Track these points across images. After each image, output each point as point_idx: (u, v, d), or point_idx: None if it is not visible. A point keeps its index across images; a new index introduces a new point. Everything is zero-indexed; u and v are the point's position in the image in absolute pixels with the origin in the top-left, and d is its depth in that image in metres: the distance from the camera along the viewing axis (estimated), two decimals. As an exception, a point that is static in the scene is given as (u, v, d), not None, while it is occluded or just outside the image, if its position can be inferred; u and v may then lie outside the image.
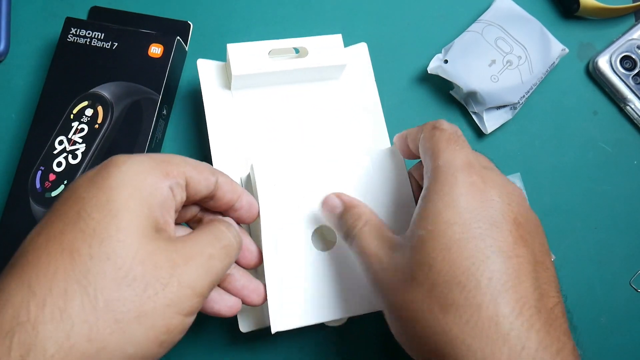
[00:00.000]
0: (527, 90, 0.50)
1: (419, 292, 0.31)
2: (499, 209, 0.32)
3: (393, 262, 0.34)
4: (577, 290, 0.49)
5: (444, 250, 0.31)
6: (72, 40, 0.48)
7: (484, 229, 0.31)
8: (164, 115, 0.49)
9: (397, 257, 0.34)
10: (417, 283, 0.31)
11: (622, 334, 0.48)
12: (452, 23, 0.53)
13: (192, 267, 0.30)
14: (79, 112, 0.47)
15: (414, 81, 0.52)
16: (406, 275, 0.32)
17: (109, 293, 0.27)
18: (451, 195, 0.32)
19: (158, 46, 0.48)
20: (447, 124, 0.37)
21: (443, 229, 0.31)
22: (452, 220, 0.31)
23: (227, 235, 0.34)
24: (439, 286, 0.30)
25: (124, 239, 0.28)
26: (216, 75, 0.48)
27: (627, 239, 0.50)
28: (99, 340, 0.26)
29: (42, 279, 0.26)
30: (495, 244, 0.30)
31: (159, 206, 0.31)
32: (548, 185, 0.51)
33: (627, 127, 0.52)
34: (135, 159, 0.31)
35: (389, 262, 0.34)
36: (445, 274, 0.30)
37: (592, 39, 0.53)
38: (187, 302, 0.30)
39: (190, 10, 0.53)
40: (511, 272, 0.30)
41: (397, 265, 0.33)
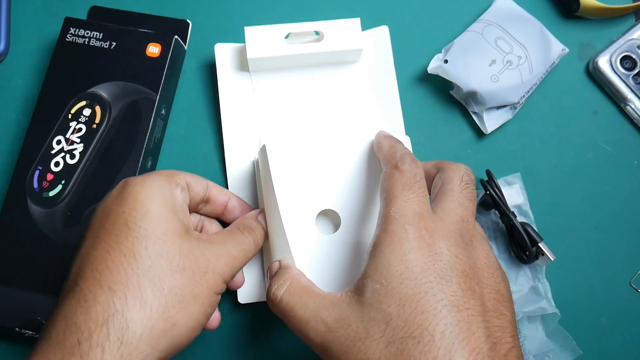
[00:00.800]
0: (527, 90, 0.49)
1: (375, 349, 0.31)
2: (447, 262, 0.33)
3: (342, 320, 0.33)
4: (577, 290, 0.49)
5: (399, 307, 0.31)
6: (70, 40, 0.48)
7: (434, 284, 0.32)
8: (162, 115, 0.48)
9: (346, 314, 0.33)
10: (372, 340, 0.31)
11: (622, 334, 0.48)
12: (452, 23, 0.53)
13: (222, 262, 0.37)
14: (77, 111, 0.46)
15: (414, 81, 0.52)
16: (359, 333, 0.32)
17: (170, 281, 0.34)
18: (401, 249, 0.33)
19: (156, 45, 0.48)
20: (409, 164, 0.37)
21: (396, 285, 0.32)
22: (404, 275, 0.32)
23: (246, 242, 0.40)
24: (396, 342, 0.31)
25: (169, 239, 0.35)
26: (232, 57, 0.49)
27: (627, 239, 0.50)
28: (171, 318, 0.33)
29: (117, 279, 0.33)
30: (445, 298, 0.31)
31: (181, 211, 0.38)
32: (548, 185, 0.50)
33: (627, 127, 0.52)
34: (150, 177, 0.38)
35: (336, 321, 0.33)
36: (401, 330, 0.31)
37: (592, 39, 0.53)
38: (220, 286, 0.37)
39: (189, 10, 0.53)
40: (462, 325, 0.31)
41: (347, 323, 0.33)
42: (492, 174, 0.48)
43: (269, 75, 0.49)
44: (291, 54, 0.47)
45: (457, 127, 0.51)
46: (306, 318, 0.35)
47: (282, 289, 0.37)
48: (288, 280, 0.37)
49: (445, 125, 0.51)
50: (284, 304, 0.36)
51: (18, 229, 0.45)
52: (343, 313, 0.33)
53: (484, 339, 0.31)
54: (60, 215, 0.45)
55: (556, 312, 0.47)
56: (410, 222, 0.34)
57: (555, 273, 0.49)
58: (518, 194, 0.49)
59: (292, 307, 0.36)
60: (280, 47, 0.46)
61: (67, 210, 0.45)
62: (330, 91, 0.49)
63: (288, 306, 0.36)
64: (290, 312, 0.36)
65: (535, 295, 0.47)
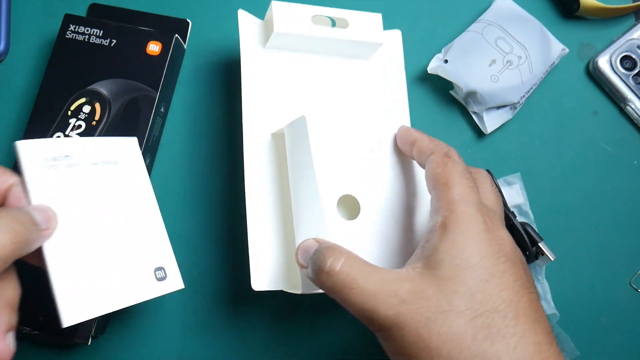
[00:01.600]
0: (527, 90, 0.49)
1: (460, 322, 0.31)
2: (510, 248, 0.34)
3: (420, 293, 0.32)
4: (577, 290, 0.49)
5: (481, 282, 0.32)
6: (70, 37, 0.48)
7: (508, 265, 0.33)
8: (161, 112, 0.49)
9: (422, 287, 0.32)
10: (456, 313, 0.31)
11: (622, 334, 0.48)
12: (452, 23, 0.53)
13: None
14: (76, 108, 0.47)
15: (414, 81, 0.52)
16: (441, 306, 0.32)
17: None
18: (475, 229, 0.34)
19: (156, 44, 0.48)
20: (458, 156, 0.38)
21: (476, 261, 0.33)
22: (482, 253, 0.33)
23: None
24: (482, 316, 0.31)
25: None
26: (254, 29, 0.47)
27: (627, 239, 0.50)
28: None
29: None
30: (519, 279, 0.33)
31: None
32: (548, 185, 0.50)
33: (627, 127, 0.52)
34: None
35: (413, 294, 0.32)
36: (487, 304, 0.31)
37: (592, 39, 0.53)
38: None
39: (189, 9, 0.53)
40: (534, 305, 0.33)
41: (425, 295, 0.32)
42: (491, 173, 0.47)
43: (283, 55, 0.47)
44: (316, 36, 0.45)
45: (457, 127, 0.51)
46: (373, 290, 0.32)
47: (340, 261, 0.34)
48: (344, 254, 0.34)
49: (445, 125, 0.51)
50: (344, 275, 0.33)
51: (16, 226, 0.45)
52: (419, 286, 0.32)
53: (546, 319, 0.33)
54: (59, 212, 0.45)
55: (555, 313, 0.46)
56: (476, 207, 0.35)
57: (555, 273, 0.49)
58: (518, 194, 0.49)
59: (353, 279, 0.33)
60: (307, 26, 0.45)
61: (66, 207, 0.45)
62: (339, 83, 0.48)
63: (349, 278, 0.33)
64: (351, 285, 0.33)
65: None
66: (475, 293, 0.32)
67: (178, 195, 0.49)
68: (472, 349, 0.31)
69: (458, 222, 0.34)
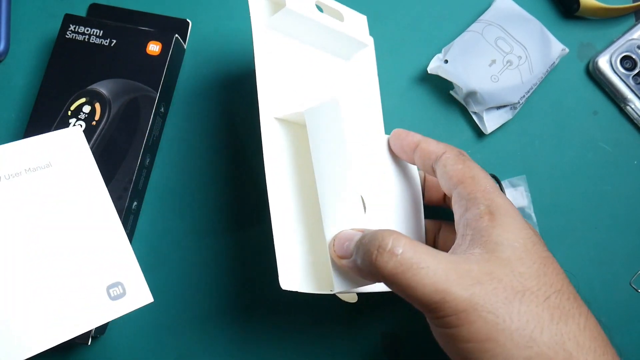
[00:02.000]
0: (527, 90, 0.49)
1: (536, 301, 0.31)
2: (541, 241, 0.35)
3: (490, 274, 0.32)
4: (577, 290, 0.48)
5: (542, 265, 0.33)
6: (70, 37, 0.48)
7: (548, 254, 0.35)
8: (161, 113, 0.49)
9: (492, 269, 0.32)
10: (531, 293, 0.32)
11: (622, 334, 0.48)
12: (452, 23, 0.53)
13: None
14: (76, 108, 0.47)
15: (414, 81, 0.52)
16: (515, 287, 0.32)
17: None
18: (518, 218, 0.35)
19: (156, 44, 0.48)
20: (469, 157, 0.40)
21: (531, 246, 0.34)
22: (532, 239, 0.34)
23: None
24: (552, 296, 0.32)
25: None
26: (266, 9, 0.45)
27: (627, 239, 0.50)
28: None
29: None
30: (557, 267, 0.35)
31: None
32: (548, 185, 0.50)
33: (627, 127, 0.52)
34: None
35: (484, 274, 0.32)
36: (552, 285, 0.33)
37: (592, 39, 0.53)
38: None
39: (189, 9, 0.53)
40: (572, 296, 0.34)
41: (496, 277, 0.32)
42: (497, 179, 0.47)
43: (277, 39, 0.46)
44: (319, 22, 0.44)
45: (457, 127, 0.51)
46: (445, 270, 0.31)
47: (401, 241, 0.31)
48: (403, 238, 0.32)
49: (445, 125, 0.51)
50: (408, 257, 0.31)
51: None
52: (489, 267, 0.32)
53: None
54: (58, 212, 0.45)
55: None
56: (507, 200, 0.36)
57: (555, 273, 0.49)
58: (522, 197, 0.49)
59: (421, 258, 0.31)
60: (313, 11, 0.44)
61: (66, 207, 0.45)
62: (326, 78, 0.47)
63: (416, 257, 0.31)
64: (419, 264, 0.31)
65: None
66: (541, 275, 0.33)
67: (178, 196, 0.49)
68: (552, 329, 0.31)
69: (504, 209, 0.35)
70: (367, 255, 0.32)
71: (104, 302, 0.34)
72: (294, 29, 0.45)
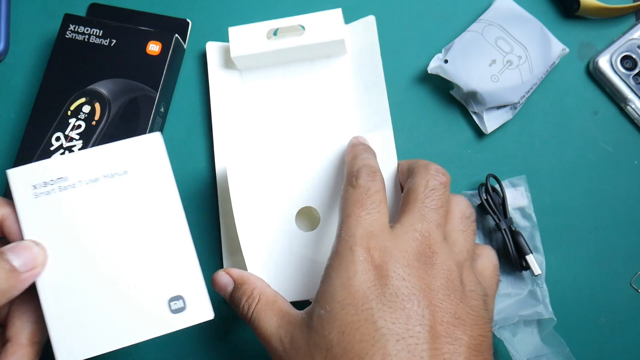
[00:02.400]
0: (527, 90, 0.49)
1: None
2: (393, 286, 0.31)
3: (294, 342, 0.33)
4: (577, 290, 0.49)
5: (339, 334, 0.31)
6: (70, 36, 0.48)
7: (375, 310, 0.31)
8: (161, 112, 0.49)
9: (297, 337, 0.33)
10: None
11: (622, 334, 0.48)
12: (452, 23, 0.53)
13: None
14: (76, 108, 0.47)
15: (414, 81, 0.52)
16: (306, 358, 0.32)
17: None
18: (347, 273, 0.32)
19: (156, 44, 0.48)
20: (364, 178, 0.35)
21: (338, 311, 0.31)
22: (346, 301, 0.31)
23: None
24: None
25: None
26: (223, 56, 0.49)
27: (627, 239, 0.49)
28: None
29: None
30: (385, 326, 0.30)
31: None
32: (548, 185, 0.50)
33: (627, 127, 0.51)
34: None
35: (290, 343, 0.33)
36: (340, 358, 0.30)
37: (593, 38, 0.53)
38: None
39: (189, 8, 0.53)
40: (402, 355, 0.29)
41: (297, 346, 0.32)
42: (488, 179, 0.47)
43: (259, 72, 0.49)
44: (274, 50, 0.47)
45: (457, 127, 0.51)
46: (269, 334, 0.34)
47: (252, 308, 0.36)
48: (257, 297, 0.36)
49: (445, 125, 0.51)
50: (253, 319, 0.36)
51: (16, 226, 0.45)
52: (295, 336, 0.33)
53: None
54: (58, 212, 0.45)
55: (552, 318, 0.46)
56: (358, 242, 0.33)
57: (555, 273, 0.49)
58: (522, 197, 0.49)
59: (258, 322, 0.35)
60: (262, 44, 0.47)
61: (66, 207, 0.45)
62: (318, 85, 0.49)
63: (255, 321, 0.36)
64: (257, 328, 0.36)
65: (532, 300, 0.47)
66: (331, 347, 0.31)
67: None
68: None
69: (334, 266, 0.33)
70: (235, 308, 0.38)
71: (164, 314, 0.34)
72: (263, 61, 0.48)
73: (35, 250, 0.33)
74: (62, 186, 0.35)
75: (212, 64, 0.49)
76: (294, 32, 0.48)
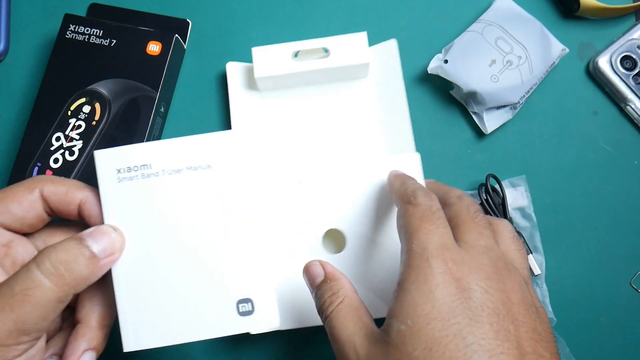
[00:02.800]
0: (527, 90, 0.49)
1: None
2: (477, 299, 0.30)
3: (369, 357, 0.31)
4: (577, 290, 0.49)
5: (425, 350, 0.29)
6: (70, 36, 0.48)
7: (463, 325, 0.29)
8: (161, 112, 0.49)
9: (374, 352, 0.31)
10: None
11: (622, 334, 0.48)
12: (452, 23, 0.53)
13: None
14: (76, 108, 0.47)
15: (414, 81, 0.52)
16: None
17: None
18: (427, 285, 0.31)
19: (156, 44, 0.48)
20: (423, 197, 0.35)
21: (422, 326, 0.30)
22: (430, 315, 0.30)
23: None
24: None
25: None
26: (243, 76, 0.50)
27: (627, 239, 0.49)
28: None
29: None
30: (476, 342, 0.29)
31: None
32: (548, 185, 0.50)
33: (627, 127, 0.51)
34: None
35: (366, 356, 0.31)
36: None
37: (592, 38, 0.53)
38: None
39: (189, 8, 0.53)
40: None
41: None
42: (488, 179, 0.47)
43: (279, 93, 0.50)
44: (298, 72, 0.47)
45: (457, 127, 0.51)
46: (343, 339, 0.33)
47: (334, 305, 0.34)
48: (341, 297, 0.34)
49: (445, 125, 0.51)
50: (331, 317, 0.34)
51: (16, 226, 0.45)
52: (372, 350, 0.31)
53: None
54: (58, 212, 0.45)
55: (552, 318, 0.46)
56: (434, 254, 0.32)
57: (555, 273, 0.49)
58: (522, 197, 0.49)
59: (335, 323, 0.34)
60: (286, 65, 0.47)
61: (66, 207, 0.45)
62: (340, 107, 0.50)
63: (333, 321, 0.34)
64: (332, 328, 0.34)
65: (533, 299, 0.47)
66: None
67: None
68: None
69: (412, 279, 0.31)
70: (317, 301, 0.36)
71: (232, 315, 0.34)
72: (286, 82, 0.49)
73: (113, 236, 0.33)
74: (145, 173, 0.34)
75: (232, 84, 0.49)
76: (315, 54, 0.49)
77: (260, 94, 0.49)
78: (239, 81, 0.49)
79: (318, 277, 0.36)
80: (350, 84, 0.50)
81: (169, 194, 0.34)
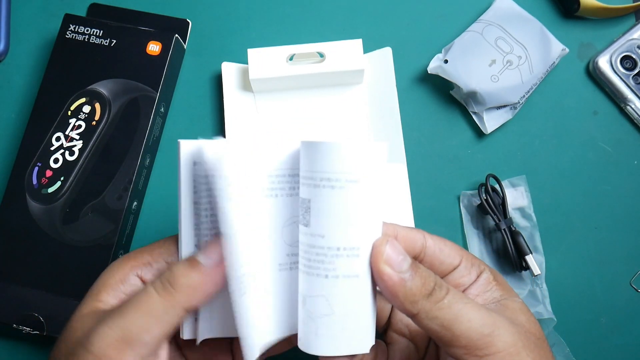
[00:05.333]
0: (527, 90, 0.49)
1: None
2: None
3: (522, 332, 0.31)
4: (577, 290, 0.49)
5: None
6: (70, 37, 0.48)
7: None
8: (161, 112, 0.49)
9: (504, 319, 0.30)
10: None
11: (622, 334, 0.48)
12: (452, 23, 0.53)
13: None
14: (76, 108, 0.47)
15: (414, 81, 0.52)
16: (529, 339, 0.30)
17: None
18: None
19: (156, 44, 0.48)
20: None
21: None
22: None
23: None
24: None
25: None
26: (238, 77, 0.50)
27: (627, 239, 0.49)
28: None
29: None
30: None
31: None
32: (548, 185, 0.50)
33: (627, 127, 0.51)
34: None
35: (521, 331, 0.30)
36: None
37: (592, 38, 0.53)
38: None
39: (189, 9, 0.53)
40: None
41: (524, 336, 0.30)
42: (488, 179, 0.47)
43: (273, 95, 0.50)
44: (293, 75, 0.48)
45: (457, 127, 0.51)
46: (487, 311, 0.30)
47: (443, 289, 0.30)
48: (445, 286, 0.30)
49: (445, 125, 0.51)
50: (449, 308, 0.29)
51: (16, 225, 0.45)
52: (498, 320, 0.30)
53: None
54: (58, 212, 0.45)
55: (552, 318, 0.46)
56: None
57: (555, 273, 0.49)
58: (522, 197, 0.49)
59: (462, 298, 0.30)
60: (282, 68, 0.48)
61: (66, 207, 0.45)
62: (333, 112, 0.50)
63: (452, 312, 0.29)
64: (464, 301, 0.30)
65: (532, 300, 0.47)
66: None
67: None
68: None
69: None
70: (426, 283, 0.30)
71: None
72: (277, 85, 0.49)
73: (222, 245, 0.30)
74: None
75: (227, 85, 0.49)
76: (310, 59, 0.49)
77: (254, 95, 0.49)
78: (234, 82, 0.50)
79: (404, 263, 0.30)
80: (344, 90, 0.50)
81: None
